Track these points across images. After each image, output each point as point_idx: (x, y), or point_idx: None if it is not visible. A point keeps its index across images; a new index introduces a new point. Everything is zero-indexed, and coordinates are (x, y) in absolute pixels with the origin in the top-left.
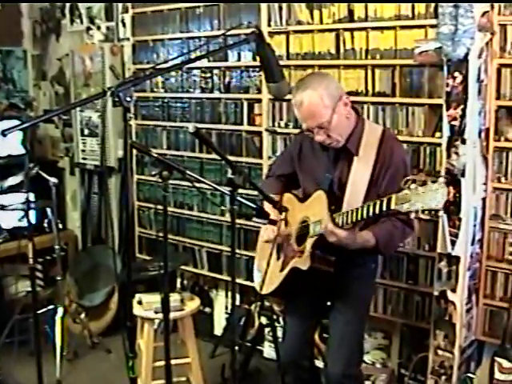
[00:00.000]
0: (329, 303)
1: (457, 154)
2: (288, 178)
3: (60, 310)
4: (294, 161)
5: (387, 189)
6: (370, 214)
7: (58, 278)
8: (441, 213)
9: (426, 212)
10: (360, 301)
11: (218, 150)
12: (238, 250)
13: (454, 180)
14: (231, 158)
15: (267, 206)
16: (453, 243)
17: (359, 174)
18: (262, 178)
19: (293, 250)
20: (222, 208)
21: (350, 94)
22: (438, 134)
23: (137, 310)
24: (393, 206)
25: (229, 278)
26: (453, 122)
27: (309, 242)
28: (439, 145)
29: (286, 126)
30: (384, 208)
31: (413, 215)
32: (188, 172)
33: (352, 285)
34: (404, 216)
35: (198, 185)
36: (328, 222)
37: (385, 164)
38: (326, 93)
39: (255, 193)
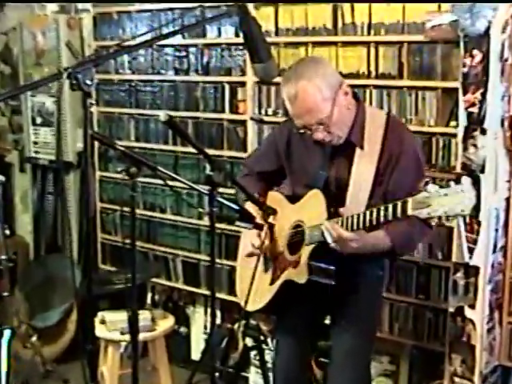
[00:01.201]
0: (327, 320)
1: (475, 146)
2: (270, 175)
3: (7, 333)
4: (280, 156)
5: (396, 187)
6: (381, 219)
7: (5, 294)
8: (467, 219)
9: (451, 218)
10: (367, 315)
11: (195, 142)
12: (218, 260)
13: (471, 177)
14: (210, 152)
15: (251, 208)
16: (471, 251)
17: (363, 171)
18: None
19: (285, 259)
20: (200, 210)
21: (349, 76)
22: (453, 123)
23: (99, 331)
24: (410, 212)
25: (208, 293)
26: (470, 109)
27: (305, 251)
28: (454, 136)
29: (275, 113)
30: (399, 213)
31: (434, 222)
32: (160, 168)
33: (357, 297)
34: None
35: (171, 183)
36: (333, 224)
37: (393, 157)
38: (323, 82)
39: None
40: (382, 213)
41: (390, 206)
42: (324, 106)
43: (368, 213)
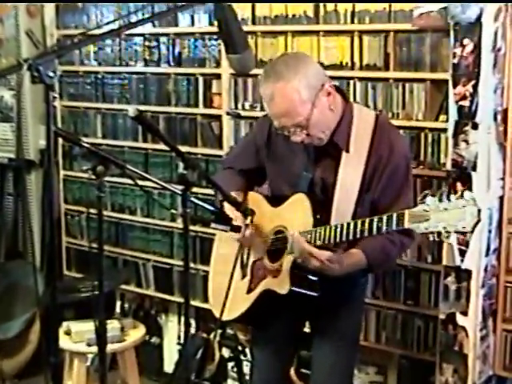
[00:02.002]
0: (307, 329)
1: (466, 142)
2: (250, 174)
3: None
4: (259, 153)
5: (383, 193)
6: (374, 231)
7: None
8: (468, 235)
9: (451, 234)
10: (351, 324)
11: (167, 138)
12: (192, 265)
13: (462, 175)
14: (183, 149)
15: (228, 209)
16: (462, 254)
17: (349, 175)
18: None
19: (264, 267)
20: (173, 212)
21: (332, 67)
22: (442, 118)
23: (64, 343)
24: (406, 225)
25: (182, 300)
26: (461, 102)
27: (287, 260)
28: (444, 131)
29: (252, 108)
30: (394, 226)
31: (432, 237)
32: (129, 167)
33: (340, 306)
34: None
35: (141, 183)
36: (302, 241)
37: (381, 161)
38: (303, 84)
39: (213, 192)
40: (375, 224)
41: (385, 218)
42: (302, 108)
43: (359, 223)
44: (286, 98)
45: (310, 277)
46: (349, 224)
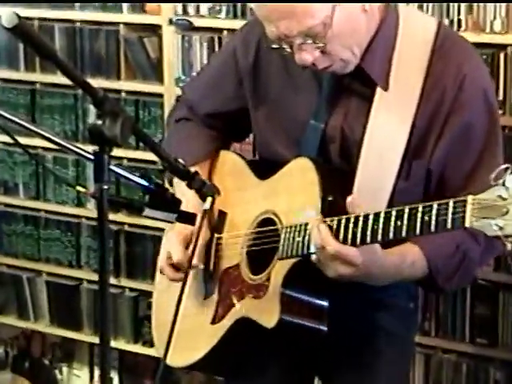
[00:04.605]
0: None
1: None
2: (225, 122)
3: None
4: (242, 85)
5: (449, 162)
6: (417, 229)
7: None
8: None
9: None
10: (390, 379)
11: (68, 65)
12: (114, 280)
13: None
14: (97, 83)
15: (177, 184)
16: None
17: (388, 127)
18: (164, 124)
19: (241, 280)
20: (80, 190)
21: None
22: None
23: None
24: (467, 222)
25: (95, 339)
26: None
27: (278, 270)
28: None
29: (214, 13)
30: (449, 222)
31: (510, 244)
32: (3, 113)
33: (371, 348)
34: None
35: (24, 141)
36: (328, 234)
37: (444, 104)
38: None
39: (150, 157)
40: (418, 217)
41: (435, 207)
42: (317, 5)
43: (393, 215)
44: None
45: (316, 300)
46: (377, 216)
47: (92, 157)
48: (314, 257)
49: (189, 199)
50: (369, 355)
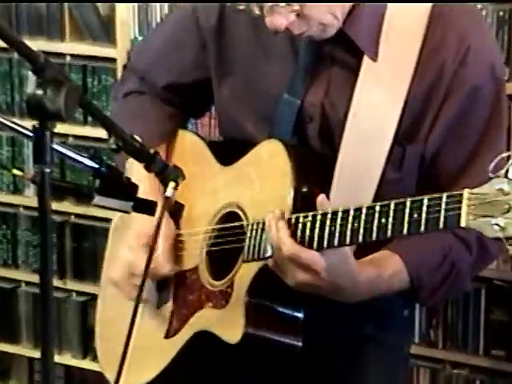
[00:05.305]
0: None
1: None
2: (183, 94)
3: None
4: (204, 51)
5: (446, 145)
6: (404, 228)
7: None
8: None
9: None
10: None
11: (0, 24)
12: (58, 282)
13: None
14: (36, 45)
15: (132, 165)
16: None
17: (376, 103)
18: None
19: (200, 286)
20: (16, 173)
21: None
22: None
23: None
24: (463, 221)
25: (36, 354)
26: None
27: (243, 274)
28: None
29: None
30: (441, 222)
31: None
32: None
33: (354, 369)
34: None
35: None
36: (285, 232)
37: (444, 75)
38: None
39: (100, 134)
40: (406, 214)
41: (425, 203)
42: None
43: (377, 210)
44: None
45: (288, 311)
46: (358, 211)
47: (31, 134)
48: (270, 261)
49: (146, 185)
50: (355, 372)
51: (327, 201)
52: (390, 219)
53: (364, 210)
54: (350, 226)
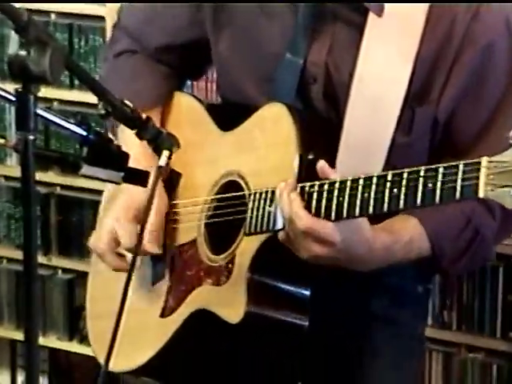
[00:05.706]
0: None
1: None
2: (180, 56)
3: None
4: (201, 10)
5: (461, 107)
6: (418, 199)
7: None
8: None
9: None
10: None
11: None
12: (43, 259)
13: None
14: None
15: (126, 135)
16: None
17: (384, 63)
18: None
19: (199, 261)
20: None
21: None
22: None
23: None
24: (481, 191)
25: (19, 336)
26: None
27: (245, 249)
28: None
29: None
30: (457, 191)
31: None
32: None
33: (366, 346)
34: None
35: None
36: (298, 204)
37: (453, 37)
38: None
39: (88, 98)
40: (420, 183)
41: (440, 172)
42: None
43: (389, 178)
44: None
45: (294, 288)
46: (368, 180)
47: (13, 98)
48: (281, 234)
49: (139, 153)
50: (364, 355)
51: (328, 168)
52: (403, 189)
53: (375, 180)
54: (373, 194)
